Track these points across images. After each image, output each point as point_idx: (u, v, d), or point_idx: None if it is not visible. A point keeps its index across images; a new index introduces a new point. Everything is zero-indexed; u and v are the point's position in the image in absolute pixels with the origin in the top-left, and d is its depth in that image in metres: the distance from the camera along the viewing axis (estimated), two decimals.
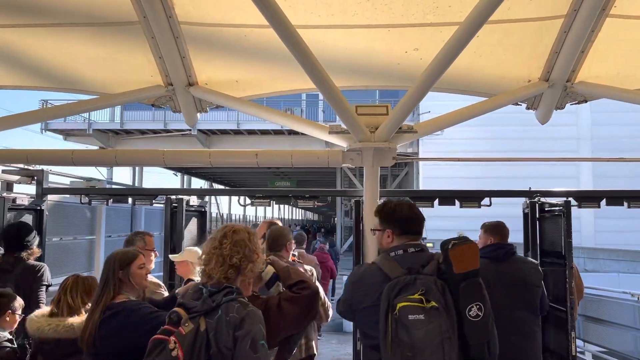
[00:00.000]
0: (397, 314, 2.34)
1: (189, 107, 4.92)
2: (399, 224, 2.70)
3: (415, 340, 2.29)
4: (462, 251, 2.44)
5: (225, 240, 2.40)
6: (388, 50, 4.53)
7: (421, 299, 2.36)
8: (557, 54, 4.34)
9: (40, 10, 4.18)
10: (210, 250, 2.40)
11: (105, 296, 2.75)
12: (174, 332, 2.18)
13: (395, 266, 2.53)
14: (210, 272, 2.35)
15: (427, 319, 2.32)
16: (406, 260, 2.56)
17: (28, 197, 5.08)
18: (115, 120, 25.17)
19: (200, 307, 2.24)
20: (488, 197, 4.70)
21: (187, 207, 5.22)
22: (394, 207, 2.78)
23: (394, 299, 2.39)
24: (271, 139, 24.69)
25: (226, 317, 2.20)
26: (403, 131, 4.11)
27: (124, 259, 2.89)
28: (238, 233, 2.45)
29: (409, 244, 2.65)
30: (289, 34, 3.40)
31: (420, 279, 2.44)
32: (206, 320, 2.20)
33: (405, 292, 2.39)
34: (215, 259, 2.36)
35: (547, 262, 4.57)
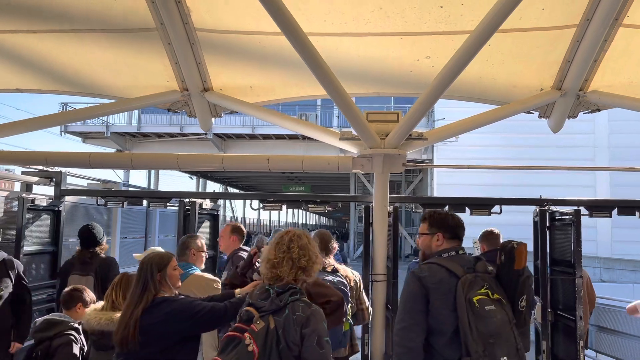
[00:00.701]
0: (477, 306, 2.65)
1: (204, 112, 5.01)
2: (451, 229, 3.01)
3: (492, 328, 2.61)
4: (521, 251, 2.83)
5: (292, 245, 2.61)
6: (400, 57, 4.57)
7: (487, 292, 2.71)
8: (570, 63, 4.34)
9: (61, 16, 4.30)
10: (278, 254, 2.59)
11: (146, 296, 2.89)
12: (246, 329, 2.36)
13: (456, 265, 2.81)
14: (281, 274, 2.56)
15: (497, 309, 2.69)
16: (462, 260, 2.88)
17: (46, 197, 5.20)
18: (132, 123, 25.53)
19: (269, 307, 2.44)
20: (498, 205, 4.70)
21: (200, 210, 5.31)
22: (445, 215, 3.12)
23: (467, 293, 2.68)
24: (286, 144, 24.84)
25: (293, 315, 2.41)
26: (413, 138, 4.14)
27: (161, 262, 3.03)
28: (302, 238, 2.67)
29: (458, 247, 2.97)
30: (301, 42, 3.47)
31: (479, 276, 2.78)
32: (274, 318, 2.41)
33: (474, 288, 2.71)
34: (286, 262, 2.56)
35: (557, 271, 4.56)
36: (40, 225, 5.01)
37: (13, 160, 4.94)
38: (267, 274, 2.60)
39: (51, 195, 5.25)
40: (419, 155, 23.04)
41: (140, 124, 25.32)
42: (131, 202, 5.17)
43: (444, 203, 4.75)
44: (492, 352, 2.58)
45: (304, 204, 4.90)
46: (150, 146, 26.84)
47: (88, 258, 4.87)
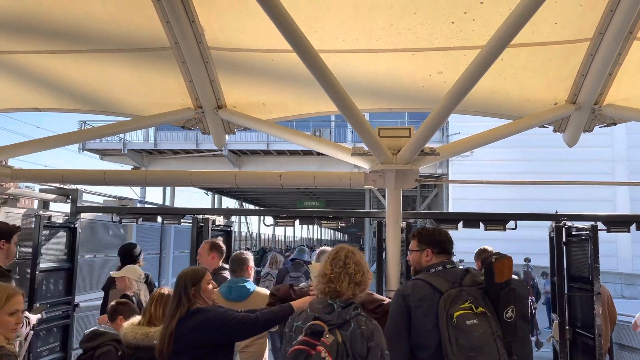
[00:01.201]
0: (455, 321, 2.73)
1: (218, 129, 5.06)
2: (439, 244, 3.12)
3: (474, 342, 2.69)
4: (502, 264, 2.88)
5: (348, 261, 2.73)
6: (412, 73, 4.58)
7: (471, 306, 2.78)
8: (584, 76, 4.31)
9: (78, 37, 4.40)
10: (335, 270, 2.70)
11: (180, 309, 3.02)
12: (315, 343, 2.46)
13: (442, 281, 2.90)
14: (340, 289, 2.66)
15: (480, 323, 2.75)
16: (448, 275, 2.96)
17: (63, 214, 5.27)
18: (149, 140, 25.84)
19: (336, 321, 2.55)
20: (513, 220, 4.65)
21: (213, 227, 5.33)
22: (432, 231, 3.22)
23: (449, 309, 2.76)
24: (300, 159, 24.91)
25: (358, 329, 2.54)
26: (426, 153, 4.12)
27: (195, 276, 3.16)
28: (355, 254, 2.79)
29: (446, 261, 3.06)
30: (312, 59, 3.49)
31: (464, 290, 2.86)
32: (341, 332, 2.52)
33: (457, 303, 2.79)
34: (344, 277, 2.67)
35: (575, 288, 4.47)
36: (56, 242, 5.07)
37: (31, 178, 5.03)
38: (324, 289, 2.69)
39: (67, 212, 5.32)
40: (433, 169, 22.91)
41: (156, 140, 25.61)
42: (145, 218, 5.21)
43: (458, 219, 4.70)
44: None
45: (317, 220, 4.89)
46: (166, 163, 27.11)
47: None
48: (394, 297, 3.03)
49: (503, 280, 2.87)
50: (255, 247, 41.26)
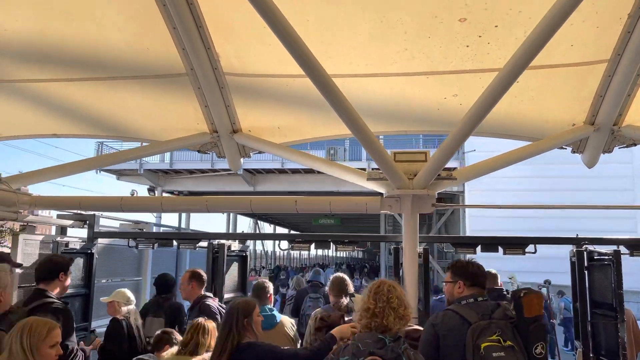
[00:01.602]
0: (482, 352, 2.81)
1: (233, 152, 5.08)
2: (471, 277, 3.23)
3: None
4: (531, 299, 2.97)
5: (391, 295, 2.80)
6: (427, 96, 4.56)
7: (499, 339, 2.85)
8: (602, 97, 4.26)
9: (96, 65, 4.48)
10: (379, 305, 2.77)
11: (231, 341, 3.04)
12: None
13: (471, 312, 3.00)
14: (387, 323, 2.73)
15: (507, 356, 2.82)
16: (478, 307, 3.04)
17: (79, 240, 5.30)
18: (165, 160, 26.08)
19: (389, 356, 2.61)
20: (533, 244, 4.56)
21: (229, 252, 5.31)
22: (466, 264, 3.32)
23: (476, 340, 2.85)
24: (315, 178, 24.89)
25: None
26: (442, 178, 4.08)
27: (247, 308, 3.20)
28: (397, 288, 2.87)
29: (478, 294, 3.15)
30: (325, 84, 3.50)
31: (494, 323, 2.93)
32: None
33: (485, 335, 2.87)
34: (388, 312, 2.74)
35: (598, 314, 4.35)
36: (73, 268, 5.07)
37: (49, 205, 5.08)
38: (369, 323, 2.75)
39: (84, 237, 5.36)
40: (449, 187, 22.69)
41: (172, 160, 25.83)
42: (161, 243, 5.22)
43: (476, 242, 4.63)
44: None
45: (332, 244, 4.85)
46: (182, 182, 27.29)
47: (161, 302, 5.37)
48: (425, 326, 3.15)
49: (532, 315, 2.95)
50: (270, 266, 41.15)
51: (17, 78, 4.69)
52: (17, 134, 5.72)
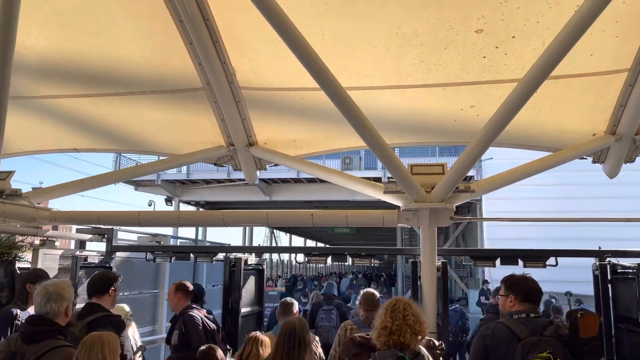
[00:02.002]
0: None
1: (249, 165, 5.09)
2: (523, 292, 3.26)
3: None
4: (587, 320, 2.98)
5: (407, 313, 2.87)
6: (443, 107, 4.53)
7: (549, 357, 2.88)
8: (623, 107, 4.18)
9: (114, 81, 4.54)
10: (395, 322, 2.84)
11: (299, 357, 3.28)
12: None
13: (522, 328, 3.05)
14: (404, 340, 2.80)
15: None
16: (529, 323, 3.08)
17: (98, 254, 5.35)
18: (182, 171, 26.27)
19: None
20: (553, 257, 4.47)
21: (245, 266, 5.31)
22: (519, 278, 3.37)
23: (526, 355, 2.89)
24: (330, 187, 24.79)
25: None
26: (460, 191, 4.02)
27: (306, 326, 3.47)
28: (412, 306, 2.94)
29: (530, 310, 3.18)
30: (340, 97, 3.49)
31: (544, 340, 2.96)
32: None
33: (535, 351, 2.90)
34: (405, 329, 2.82)
35: (623, 329, 4.24)
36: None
37: (68, 220, 5.14)
38: (387, 341, 2.82)
39: (103, 251, 5.40)
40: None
41: (189, 171, 26.02)
42: (179, 257, 5.24)
43: (495, 255, 4.55)
44: None
45: (349, 257, 4.82)
46: (199, 193, 27.46)
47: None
48: (475, 337, 3.26)
49: (588, 335, 2.97)
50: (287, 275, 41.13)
51: (38, 94, 4.78)
52: (39, 148, 5.82)
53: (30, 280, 4.30)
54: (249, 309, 5.73)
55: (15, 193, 4.67)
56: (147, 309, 7.21)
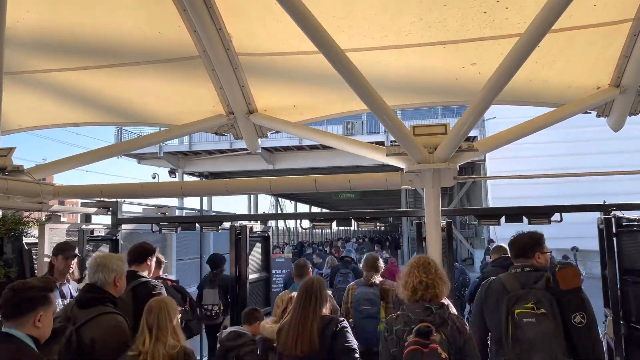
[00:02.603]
0: (516, 318, 3.13)
1: (250, 133, 5.06)
2: (516, 248, 3.54)
3: (529, 337, 3.08)
4: (565, 273, 3.19)
5: (431, 267, 3.12)
6: (444, 66, 4.45)
7: (533, 307, 3.13)
8: (628, 58, 4.10)
9: (110, 52, 4.47)
10: (429, 277, 3.07)
11: (318, 311, 3.46)
12: (425, 342, 2.82)
13: (514, 281, 3.33)
14: (438, 292, 3.04)
15: (538, 322, 3.10)
16: (522, 276, 3.35)
17: (104, 227, 5.38)
18: (184, 143, 26.25)
19: (437, 321, 2.92)
20: (558, 213, 4.47)
21: (251, 234, 5.34)
22: (514, 237, 3.61)
23: (512, 307, 3.17)
24: (333, 153, 24.80)
25: (454, 326, 2.93)
26: (463, 150, 3.99)
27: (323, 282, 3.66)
28: (431, 262, 3.18)
29: (525, 265, 3.42)
30: (339, 59, 3.42)
31: (532, 292, 3.21)
32: (442, 330, 2.90)
33: (520, 302, 3.17)
34: (437, 281, 3.06)
35: (628, 281, 4.27)
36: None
37: (72, 194, 5.15)
38: (413, 294, 3.04)
39: (108, 224, 5.43)
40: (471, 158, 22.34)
41: (191, 142, 26.01)
42: (184, 227, 5.27)
43: (500, 214, 4.55)
44: (528, 357, 3.08)
45: (354, 221, 4.83)
46: (202, 164, 27.50)
47: (213, 277, 6.82)
48: (479, 289, 3.57)
49: (568, 287, 3.16)
50: (293, 242, 41.51)
51: (33, 69, 4.72)
52: (39, 124, 5.79)
53: (54, 253, 4.45)
54: (256, 276, 5.80)
55: (17, 169, 4.68)
56: None
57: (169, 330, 3.07)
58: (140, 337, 3.06)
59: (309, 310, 3.44)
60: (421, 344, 2.81)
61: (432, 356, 2.78)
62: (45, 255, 4.79)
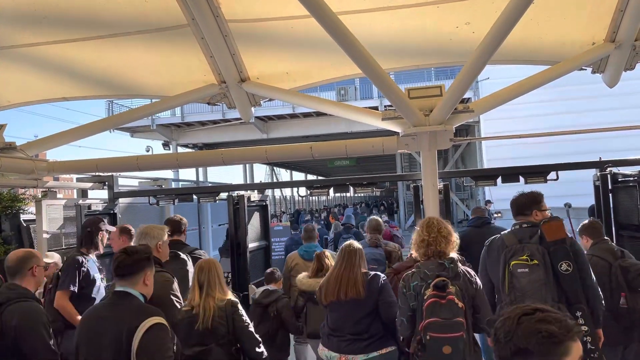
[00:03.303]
0: (511, 268, 3.48)
1: (243, 102, 5.00)
2: (514, 207, 3.86)
3: (522, 285, 3.43)
4: (550, 226, 3.48)
5: (440, 227, 3.36)
6: (438, 27, 4.37)
7: (527, 259, 3.46)
8: (623, 12, 4.04)
9: (96, 23, 4.36)
10: (431, 235, 3.32)
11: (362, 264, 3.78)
12: (442, 295, 3.07)
13: (512, 237, 3.64)
14: (441, 248, 3.29)
15: (530, 271, 3.44)
16: (519, 232, 3.65)
17: (101, 202, 5.37)
18: (176, 114, 26.01)
19: (451, 275, 3.20)
20: (554, 171, 4.48)
21: (249, 203, 5.35)
22: (516, 197, 3.88)
23: (509, 259, 3.51)
24: (328, 120, 24.67)
25: (466, 278, 3.25)
26: (459, 111, 3.96)
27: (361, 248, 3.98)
28: (442, 221, 3.44)
29: (523, 222, 3.71)
30: (331, 22, 3.36)
31: (527, 246, 3.53)
32: (456, 283, 3.17)
33: (516, 255, 3.50)
34: (440, 239, 3.30)
35: (625, 236, 4.33)
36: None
37: (67, 170, 5.11)
38: (426, 252, 3.31)
39: (105, 198, 5.42)
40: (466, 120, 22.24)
41: (183, 114, 25.76)
42: (181, 198, 5.26)
43: (496, 174, 4.56)
44: (522, 302, 3.31)
45: (351, 187, 4.84)
46: (195, 135, 27.31)
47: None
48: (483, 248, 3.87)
49: (553, 239, 3.45)
50: (290, 210, 41.69)
51: (18, 43, 4.61)
52: (27, 100, 5.69)
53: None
54: (256, 244, 5.84)
55: (10, 146, 4.63)
56: None
57: (216, 286, 3.46)
58: (191, 294, 3.48)
59: (354, 263, 3.76)
60: (439, 296, 3.07)
61: (449, 306, 3.03)
62: (44, 231, 4.79)
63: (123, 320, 2.60)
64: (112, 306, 2.74)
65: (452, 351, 3.00)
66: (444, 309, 3.03)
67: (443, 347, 3.01)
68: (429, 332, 3.03)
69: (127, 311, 2.66)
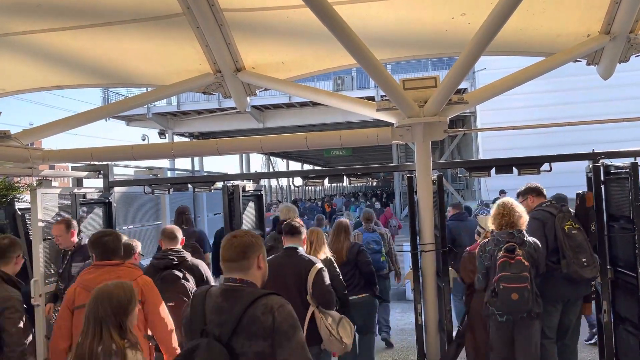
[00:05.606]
0: (567, 230, 4.30)
1: (239, 92, 5.00)
2: (536, 190, 4.80)
3: (577, 242, 4.23)
4: (590, 195, 4.48)
5: (512, 205, 4.15)
6: (434, 17, 4.37)
7: (571, 223, 4.35)
8: (618, 4, 4.05)
9: (91, 11, 4.33)
10: (506, 210, 4.13)
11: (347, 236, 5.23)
12: (512, 256, 3.91)
13: (552, 209, 4.49)
14: (514, 220, 4.09)
15: (578, 232, 4.29)
16: (552, 207, 4.52)
17: (96, 190, 5.36)
18: (172, 103, 25.85)
19: (519, 241, 4.01)
20: (548, 162, 4.51)
21: (244, 193, 5.35)
22: (529, 184, 4.87)
23: (561, 224, 4.32)
24: (324, 110, 24.55)
25: (531, 245, 4.07)
26: (453, 103, 3.97)
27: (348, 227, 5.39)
28: (513, 202, 4.24)
29: (547, 201, 4.73)
30: (326, 12, 3.35)
31: (566, 214, 4.42)
32: (523, 249, 3.99)
33: (565, 220, 4.34)
34: (513, 214, 4.10)
35: (615, 228, 4.37)
36: (94, 218, 5.18)
37: (61, 158, 5.11)
38: (500, 223, 4.12)
39: (100, 187, 5.41)
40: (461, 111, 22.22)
41: (179, 102, 25.61)
42: (177, 188, 5.27)
43: (490, 165, 4.59)
44: (577, 256, 4.20)
45: (346, 177, 4.85)
46: (191, 124, 27.19)
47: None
48: (532, 221, 4.37)
49: (590, 205, 4.44)
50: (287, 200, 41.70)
51: (12, 31, 4.58)
52: (21, 88, 5.67)
53: None
54: None
55: (4, 135, 4.61)
56: (151, 241, 7.36)
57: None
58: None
59: (341, 237, 5.11)
60: (509, 257, 3.89)
61: (517, 264, 3.86)
62: (39, 220, 4.79)
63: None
64: (287, 257, 3.92)
65: (518, 297, 3.80)
66: (513, 266, 3.86)
67: (512, 294, 3.82)
68: (501, 282, 3.85)
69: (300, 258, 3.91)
